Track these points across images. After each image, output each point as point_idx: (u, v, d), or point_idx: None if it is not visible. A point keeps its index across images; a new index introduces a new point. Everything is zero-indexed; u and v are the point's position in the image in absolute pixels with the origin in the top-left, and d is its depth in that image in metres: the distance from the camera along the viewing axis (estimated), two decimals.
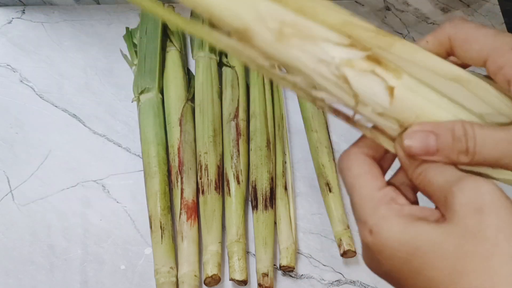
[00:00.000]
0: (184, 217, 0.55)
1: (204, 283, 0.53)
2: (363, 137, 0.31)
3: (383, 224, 0.27)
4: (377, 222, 0.27)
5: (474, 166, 0.28)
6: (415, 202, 0.31)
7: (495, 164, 0.28)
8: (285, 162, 0.61)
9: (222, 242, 0.55)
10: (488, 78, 0.29)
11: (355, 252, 0.54)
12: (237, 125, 0.60)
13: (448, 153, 0.28)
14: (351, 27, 0.30)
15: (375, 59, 0.28)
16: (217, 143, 0.59)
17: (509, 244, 0.25)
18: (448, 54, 0.30)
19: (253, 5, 0.28)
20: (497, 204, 0.25)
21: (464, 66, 0.30)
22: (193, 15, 0.69)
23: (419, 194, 0.31)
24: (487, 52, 0.28)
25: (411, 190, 0.31)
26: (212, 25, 0.29)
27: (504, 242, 0.25)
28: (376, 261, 0.28)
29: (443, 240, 0.25)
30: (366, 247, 0.28)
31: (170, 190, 0.58)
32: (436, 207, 0.28)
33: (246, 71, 0.67)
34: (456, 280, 0.25)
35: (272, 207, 0.57)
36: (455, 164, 0.28)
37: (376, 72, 0.28)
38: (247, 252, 0.56)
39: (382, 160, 0.31)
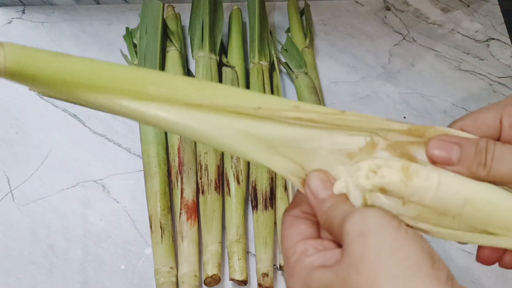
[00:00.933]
0: (184, 217, 0.55)
1: (204, 283, 0.53)
2: (293, 199, 0.34)
3: (290, 272, 0.30)
4: (288, 269, 0.31)
5: (493, 181, 0.29)
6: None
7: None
8: None
9: (222, 242, 0.55)
10: None
11: None
12: None
13: (469, 164, 0.29)
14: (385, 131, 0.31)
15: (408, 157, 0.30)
16: None
17: (391, 265, 0.25)
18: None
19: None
20: (379, 226, 0.27)
21: None
22: (193, 15, 0.69)
23: None
24: None
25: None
26: None
27: (386, 265, 0.25)
28: None
29: (333, 280, 0.27)
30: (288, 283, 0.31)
31: (170, 190, 0.58)
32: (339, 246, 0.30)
33: (246, 71, 0.67)
34: None
35: (272, 207, 0.57)
36: (475, 177, 0.29)
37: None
38: (247, 252, 0.56)
39: None
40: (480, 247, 0.32)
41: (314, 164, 0.30)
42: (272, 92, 0.65)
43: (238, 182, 0.57)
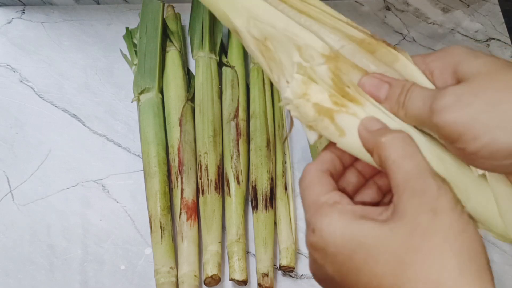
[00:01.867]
0: (184, 217, 0.55)
1: (204, 283, 0.53)
2: (319, 156, 0.33)
3: (325, 221, 0.28)
4: (319, 220, 0.28)
5: (414, 125, 0.29)
6: (373, 200, 0.32)
7: (422, 125, 0.29)
8: (285, 162, 0.61)
9: (222, 242, 0.55)
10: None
11: None
12: (237, 125, 0.60)
13: (392, 104, 0.30)
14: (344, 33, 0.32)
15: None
16: (217, 143, 0.59)
17: (456, 242, 0.25)
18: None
19: (246, 10, 0.31)
20: (450, 207, 0.26)
21: None
22: (193, 15, 0.69)
23: None
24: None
25: (377, 191, 0.33)
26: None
27: (453, 239, 0.25)
28: (320, 266, 0.29)
29: (388, 236, 0.26)
30: (311, 248, 0.29)
31: (170, 190, 0.58)
32: (387, 200, 0.29)
33: (246, 71, 0.67)
34: (401, 273, 0.25)
35: (272, 207, 0.57)
36: (399, 118, 0.30)
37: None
38: (247, 252, 0.56)
39: (343, 180, 0.33)
40: None
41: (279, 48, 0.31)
42: (272, 93, 0.65)
43: (238, 182, 0.57)
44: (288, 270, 0.55)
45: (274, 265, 0.55)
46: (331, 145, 0.32)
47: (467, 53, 0.29)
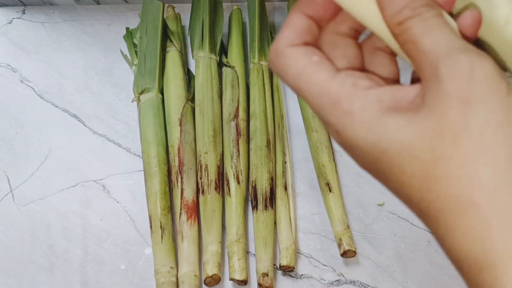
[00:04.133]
0: (184, 217, 0.55)
1: (204, 283, 0.53)
2: (285, 26, 0.25)
3: (346, 122, 0.23)
4: (339, 120, 0.23)
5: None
6: (391, 73, 0.26)
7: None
8: (285, 162, 0.61)
9: (222, 242, 0.55)
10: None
11: (355, 252, 0.54)
12: (237, 125, 0.60)
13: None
14: None
15: None
16: (217, 143, 0.59)
17: (496, 142, 0.20)
18: None
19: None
20: (488, 92, 0.21)
21: None
22: (193, 15, 0.69)
23: None
24: None
25: (387, 55, 0.27)
26: None
27: (491, 140, 0.20)
28: (353, 156, 0.25)
29: (415, 140, 0.21)
30: (340, 145, 0.24)
31: (170, 190, 0.58)
32: (413, 80, 0.24)
33: (246, 71, 0.67)
34: (429, 187, 0.21)
35: (272, 207, 0.57)
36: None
37: None
38: (247, 252, 0.56)
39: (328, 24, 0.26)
40: None
41: None
42: (272, 93, 0.65)
43: (238, 182, 0.57)
44: (288, 270, 0.55)
45: (274, 265, 0.55)
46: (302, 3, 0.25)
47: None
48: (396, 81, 0.27)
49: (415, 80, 0.26)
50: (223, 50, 0.68)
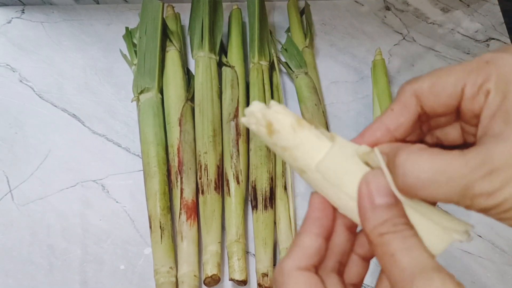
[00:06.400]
0: (183, 217, 0.55)
1: (204, 283, 0.53)
2: (295, 247, 0.27)
3: None
4: None
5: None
6: None
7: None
8: (285, 162, 0.61)
9: (222, 242, 0.55)
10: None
11: None
12: (236, 125, 0.60)
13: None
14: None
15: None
16: (216, 143, 0.59)
17: None
18: (419, 118, 0.27)
19: None
20: None
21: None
22: (193, 15, 0.69)
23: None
24: (460, 84, 0.25)
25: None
26: None
27: None
28: None
29: None
30: None
31: (170, 190, 0.58)
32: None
33: (246, 71, 0.67)
34: None
35: (271, 207, 0.57)
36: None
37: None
38: (247, 252, 0.56)
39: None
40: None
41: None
42: (272, 92, 0.65)
43: (238, 182, 0.57)
44: None
45: (274, 265, 0.55)
46: (312, 221, 0.28)
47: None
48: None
49: None
50: (223, 50, 0.68)
